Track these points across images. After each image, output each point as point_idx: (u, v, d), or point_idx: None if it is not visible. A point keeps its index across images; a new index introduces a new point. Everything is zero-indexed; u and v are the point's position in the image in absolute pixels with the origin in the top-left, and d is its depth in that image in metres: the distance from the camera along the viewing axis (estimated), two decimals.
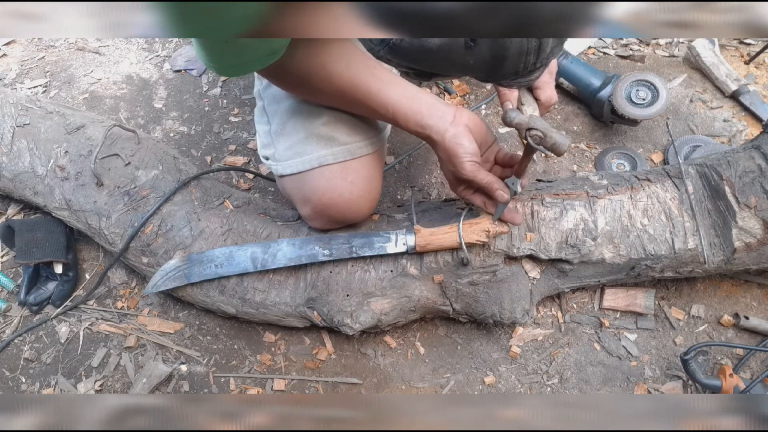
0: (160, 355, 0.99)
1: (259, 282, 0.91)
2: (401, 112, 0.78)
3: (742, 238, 0.87)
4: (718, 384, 0.87)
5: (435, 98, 0.79)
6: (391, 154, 1.22)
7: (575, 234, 0.89)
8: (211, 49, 0.67)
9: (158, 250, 0.92)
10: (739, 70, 1.33)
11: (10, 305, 1.04)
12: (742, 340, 0.99)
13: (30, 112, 1.01)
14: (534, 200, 0.91)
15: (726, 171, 0.88)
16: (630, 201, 0.90)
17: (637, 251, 0.89)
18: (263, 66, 0.71)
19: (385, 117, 0.79)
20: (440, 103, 0.78)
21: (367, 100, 0.78)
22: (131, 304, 1.04)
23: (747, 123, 1.25)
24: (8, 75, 1.36)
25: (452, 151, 0.76)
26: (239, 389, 0.96)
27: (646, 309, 1.00)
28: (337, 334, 1.00)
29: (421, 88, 0.81)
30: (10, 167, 0.99)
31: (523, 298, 0.91)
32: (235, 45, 0.66)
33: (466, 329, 1.01)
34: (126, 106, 1.31)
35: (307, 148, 0.90)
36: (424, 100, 0.78)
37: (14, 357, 0.99)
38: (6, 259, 1.10)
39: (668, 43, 1.42)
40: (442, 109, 0.78)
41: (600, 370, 0.97)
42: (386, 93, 0.77)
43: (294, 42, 0.72)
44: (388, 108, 0.78)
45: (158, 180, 0.96)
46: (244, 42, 0.66)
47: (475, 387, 0.96)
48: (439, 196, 1.16)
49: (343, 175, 0.90)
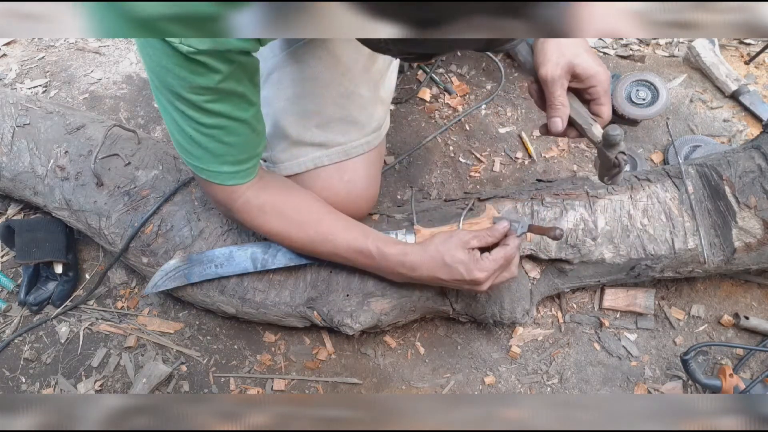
0: (160, 355, 0.99)
1: (259, 282, 0.91)
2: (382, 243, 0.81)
3: (742, 238, 0.87)
4: (718, 384, 0.87)
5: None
6: (391, 154, 1.22)
7: (575, 234, 0.89)
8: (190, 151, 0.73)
9: (158, 250, 0.92)
10: (739, 70, 1.33)
11: (10, 305, 1.04)
12: (742, 340, 0.99)
13: (30, 112, 1.01)
14: (534, 200, 0.91)
15: (726, 171, 0.88)
16: (630, 201, 0.90)
17: (637, 251, 0.89)
18: (222, 180, 0.76)
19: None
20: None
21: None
22: (131, 304, 1.04)
23: (747, 123, 1.25)
24: (8, 75, 1.36)
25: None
26: (239, 389, 0.96)
27: (646, 309, 1.00)
28: (337, 334, 1.00)
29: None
30: (10, 167, 0.99)
31: (523, 298, 0.91)
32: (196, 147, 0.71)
33: (466, 329, 1.01)
34: (126, 106, 1.31)
35: (302, 150, 0.90)
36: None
37: (14, 357, 0.99)
38: (6, 259, 1.10)
39: (668, 43, 1.42)
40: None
41: (600, 370, 0.97)
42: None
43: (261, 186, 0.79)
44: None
45: (158, 180, 0.96)
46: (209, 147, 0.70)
47: (475, 387, 0.96)
48: (439, 196, 1.16)
49: (339, 176, 0.90)
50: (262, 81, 0.87)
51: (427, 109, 1.29)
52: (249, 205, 0.79)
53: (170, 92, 0.65)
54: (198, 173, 0.76)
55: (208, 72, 0.62)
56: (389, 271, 0.83)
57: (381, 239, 0.81)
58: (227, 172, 0.75)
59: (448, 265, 0.77)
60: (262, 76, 0.86)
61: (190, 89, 0.64)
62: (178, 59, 0.60)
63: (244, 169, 0.76)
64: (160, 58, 0.61)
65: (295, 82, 0.89)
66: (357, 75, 0.90)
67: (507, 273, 0.79)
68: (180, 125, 0.69)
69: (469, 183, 1.18)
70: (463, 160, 1.21)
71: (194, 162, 0.74)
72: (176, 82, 0.63)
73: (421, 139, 1.23)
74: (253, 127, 0.74)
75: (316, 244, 0.82)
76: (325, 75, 0.88)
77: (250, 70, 0.69)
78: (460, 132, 1.26)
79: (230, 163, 0.74)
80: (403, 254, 0.79)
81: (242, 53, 0.65)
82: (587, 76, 0.71)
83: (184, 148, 0.73)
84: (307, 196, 0.84)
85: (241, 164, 0.75)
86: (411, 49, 0.57)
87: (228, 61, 0.63)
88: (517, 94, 1.32)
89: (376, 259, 0.81)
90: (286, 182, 0.85)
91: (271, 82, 0.91)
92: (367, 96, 0.91)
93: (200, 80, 0.63)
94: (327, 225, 0.81)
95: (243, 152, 0.74)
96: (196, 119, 0.67)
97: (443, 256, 0.77)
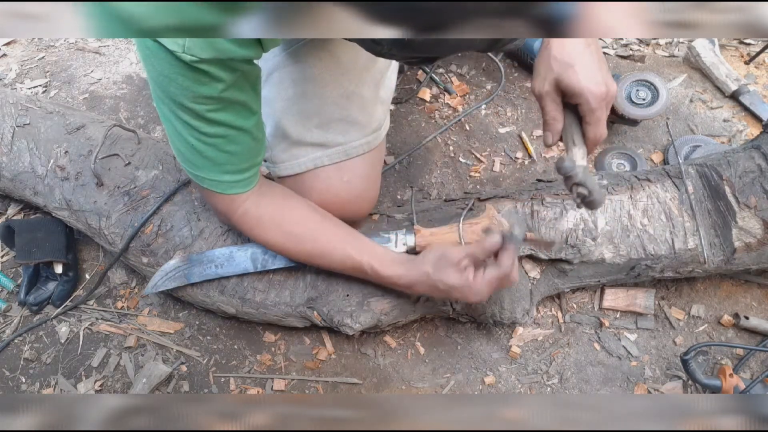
0: (160, 355, 0.99)
1: (259, 282, 0.91)
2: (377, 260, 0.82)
3: (742, 238, 0.87)
4: (718, 384, 0.87)
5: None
6: (391, 154, 1.22)
7: (575, 234, 0.89)
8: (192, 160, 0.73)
9: (158, 250, 0.92)
10: (739, 70, 1.33)
11: (10, 305, 1.04)
12: (742, 340, 0.99)
13: (30, 112, 1.01)
14: (534, 200, 0.91)
15: (726, 171, 0.88)
16: (630, 201, 0.90)
17: (637, 251, 0.89)
18: (222, 189, 0.76)
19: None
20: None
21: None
22: (131, 304, 1.04)
23: (747, 123, 1.25)
24: (8, 75, 1.36)
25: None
26: (239, 389, 0.96)
27: (646, 309, 1.00)
28: (337, 334, 1.00)
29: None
30: (10, 167, 0.99)
31: (523, 298, 0.91)
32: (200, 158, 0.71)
33: (466, 329, 1.01)
34: (126, 106, 1.31)
35: (302, 150, 0.90)
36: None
37: (14, 357, 0.99)
38: (6, 259, 1.10)
39: (668, 43, 1.42)
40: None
41: (600, 370, 0.97)
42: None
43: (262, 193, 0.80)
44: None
45: (158, 180, 0.96)
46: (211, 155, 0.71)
47: (475, 387, 0.96)
48: (439, 196, 1.16)
49: (339, 176, 0.90)
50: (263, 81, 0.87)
51: (427, 109, 1.29)
52: (248, 216, 0.80)
53: (172, 101, 0.65)
54: (199, 182, 0.76)
55: (211, 81, 0.62)
56: (386, 285, 0.85)
57: (376, 257, 0.81)
58: (228, 182, 0.75)
59: (441, 290, 0.77)
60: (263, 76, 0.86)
61: (193, 98, 0.63)
62: (180, 68, 0.60)
63: (245, 178, 0.76)
64: (162, 67, 0.61)
65: (296, 82, 0.89)
66: (357, 75, 0.90)
67: (506, 282, 0.77)
68: (182, 134, 0.69)
69: (469, 183, 1.18)
70: (463, 160, 1.21)
71: (195, 171, 0.74)
72: (179, 91, 0.63)
73: (421, 139, 1.23)
74: (255, 135, 0.74)
75: (313, 257, 0.84)
76: (325, 75, 0.88)
77: (252, 79, 0.69)
78: (460, 132, 1.26)
79: (231, 172, 0.74)
80: (397, 276, 0.80)
81: (245, 61, 0.65)
82: (572, 93, 0.68)
83: (185, 157, 0.73)
84: (305, 208, 0.84)
85: (242, 173, 0.76)
86: (415, 54, 0.57)
87: (231, 69, 0.63)
88: (517, 94, 1.32)
89: (371, 277, 0.83)
90: (286, 193, 0.86)
91: (272, 82, 0.91)
92: (367, 96, 0.91)
93: (203, 89, 0.62)
94: (324, 240, 0.82)
95: (244, 161, 0.74)
96: (198, 128, 0.67)
97: (436, 283, 0.76)
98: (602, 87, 0.67)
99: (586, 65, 0.67)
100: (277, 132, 0.90)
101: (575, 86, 0.67)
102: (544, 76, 0.69)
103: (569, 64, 0.67)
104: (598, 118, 0.68)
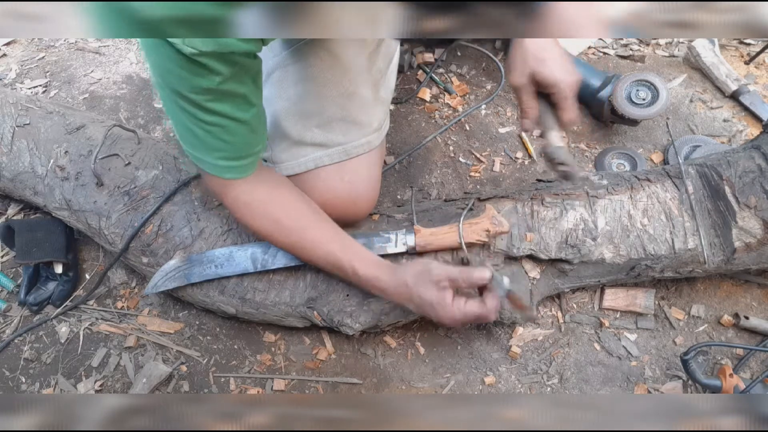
0: (160, 355, 0.99)
1: (259, 282, 0.91)
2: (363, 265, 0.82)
3: (742, 238, 0.87)
4: (718, 384, 0.87)
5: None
6: (391, 154, 1.22)
7: (575, 234, 0.89)
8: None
9: (158, 250, 0.92)
10: (739, 70, 1.33)
11: (10, 305, 1.04)
12: (742, 340, 0.99)
13: (30, 112, 1.01)
14: (534, 200, 0.91)
15: (726, 171, 0.88)
16: (630, 201, 0.90)
17: (637, 251, 0.89)
18: (220, 173, 0.77)
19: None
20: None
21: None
22: (131, 304, 1.04)
23: (747, 123, 1.25)
24: (8, 75, 1.36)
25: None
26: (239, 389, 0.96)
27: (646, 309, 1.00)
28: (337, 334, 1.00)
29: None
30: (10, 167, 0.99)
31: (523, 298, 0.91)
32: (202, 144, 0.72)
33: (466, 329, 1.01)
34: (126, 106, 1.31)
35: (303, 150, 0.90)
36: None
37: (14, 357, 0.99)
38: (6, 259, 1.10)
39: (668, 43, 1.42)
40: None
41: (600, 370, 0.97)
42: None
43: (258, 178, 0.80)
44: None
45: (158, 180, 0.96)
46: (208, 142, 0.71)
47: (475, 387, 0.96)
48: (439, 196, 1.16)
49: (339, 176, 0.91)
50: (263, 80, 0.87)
51: (427, 109, 1.29)
52: (238, 201, 0.80)
53: (172, 90, 0.66)
54: (195, 162, 0.77)
55: (209, 74, 0.62)
56: (364, 288, 0.85)
57: (358, 258, 0.81)
58: (223, 166, 0.75)
59: (416, 303, 0.78)
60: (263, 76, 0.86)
61: (191, 89, 0.64)
62: (180, 61, 0.60)
63: (240, 165, 0.76)
64: (162, 59, 0.61)
65: (296, 81, 0.89)
66: (357, 75, 0.90)
67: (481, 320, 0.79)
68: (180, 118, 0.70)
69: (469, 183, 1.18)
70: (463, 160, 1.21)
71: (192, 151, 0.75)
72: (177, 82, 0.64)
73: (421, 139, 1.23)
74: (253, 127, 0.74)
75: (297, 250, 0.84)
76: (325, 75, 0.88)
77: (252, 72, 0.69)
78: (460, 132, 1.26)
79: (226, 159, 0.75)
80: (375, 279, 0.80)
81: (245, 55, 0.65)
82: (546, 84, 0.77)
83: (183, 136, 0.74)
84: (297, 200, 0.84)
85: (238, 160, 0.76)
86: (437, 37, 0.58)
87: (230, 62, 0.63)
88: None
89: (350, 276, 0.82)
90: (282, 182, 0.85)
91: (272, 82, 0.91)
92: (367, 96, 0.92)
93: (201, 81, 0.63)
94: (311, 234, 0.82)
95: (240, 151, 0.75)
96: (196, 115, 0.68)
97: (413, 295, 0.77)
98: (572, 76, 0.77)
99: (557, 59, 0.77)
100: (278, 132, 0.90)
101: (549, 78, 0.76)
102: (521, 70, 0.78)
103: (542, 59, 0.76)
104: (570, 103, 0.78)
